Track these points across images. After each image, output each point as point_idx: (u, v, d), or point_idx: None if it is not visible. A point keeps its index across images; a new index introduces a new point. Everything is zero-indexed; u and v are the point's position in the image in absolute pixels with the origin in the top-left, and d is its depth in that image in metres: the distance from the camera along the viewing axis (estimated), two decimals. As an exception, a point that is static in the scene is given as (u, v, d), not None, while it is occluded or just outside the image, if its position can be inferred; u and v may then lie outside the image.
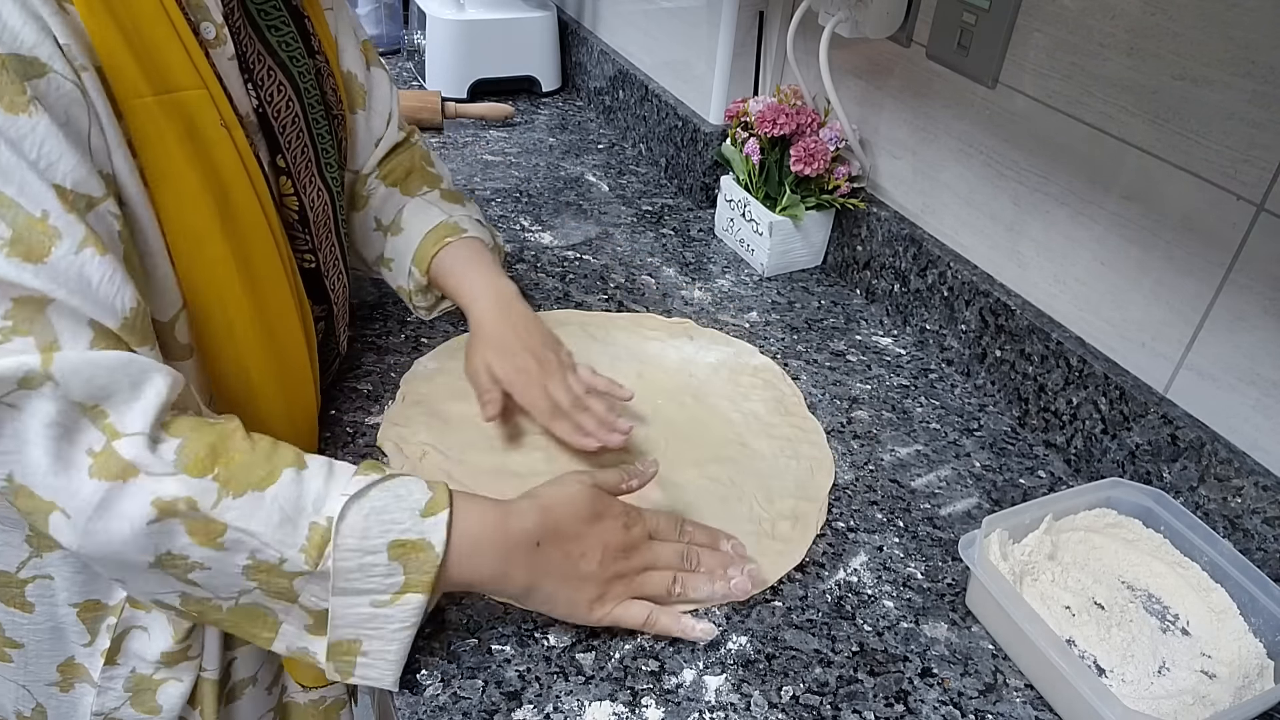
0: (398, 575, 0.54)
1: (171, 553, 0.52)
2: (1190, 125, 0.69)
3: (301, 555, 0.53)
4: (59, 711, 0.71)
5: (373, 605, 0.55)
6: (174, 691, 0.70)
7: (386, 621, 0.55)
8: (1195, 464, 0.72)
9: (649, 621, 0.62)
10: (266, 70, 0.65)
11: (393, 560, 0.54)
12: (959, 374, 0.94)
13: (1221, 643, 0.64)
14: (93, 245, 0.50)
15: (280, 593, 0.54)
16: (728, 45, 1.14)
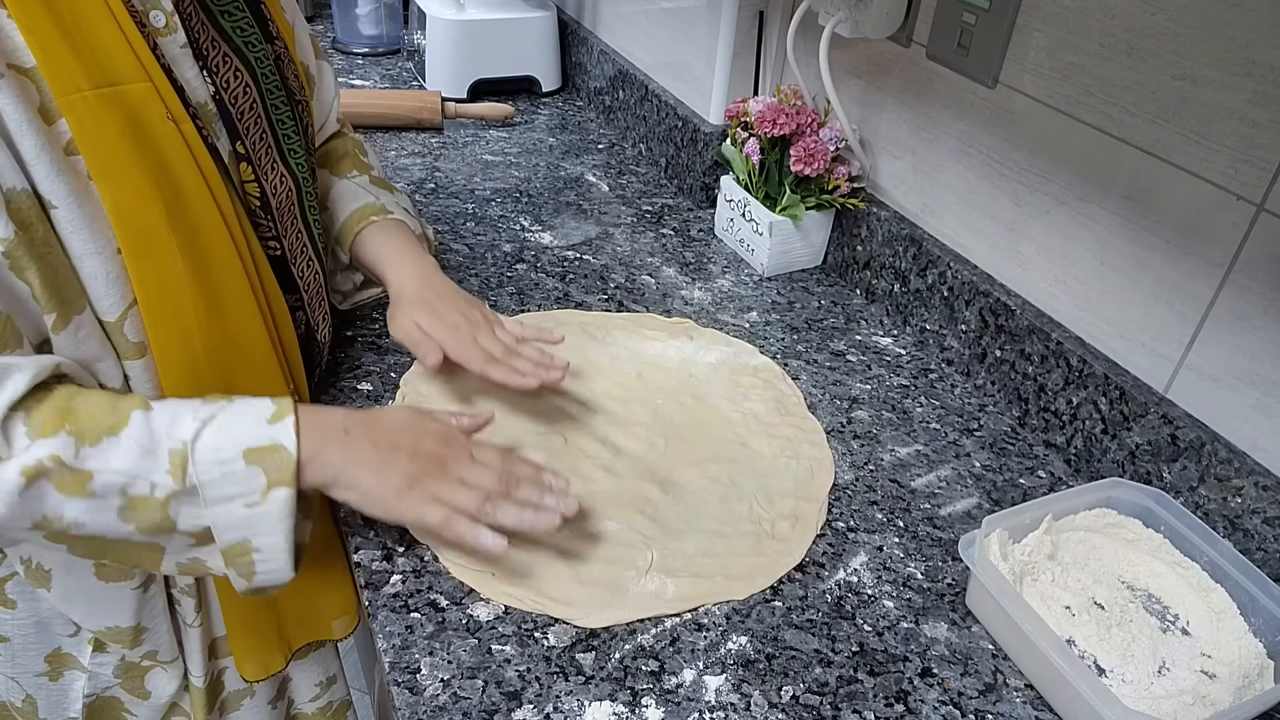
0: (259, 477, 0.58)
1: (48, 517, 0.54)
2: (1190, 125, 0.69)
3: (169, 478, 0.56)
4: (50, 699, 0.71)
5: (245, 506, 0.58)
6: (162, 681, 0.71)
7: (265, 518, 0.59)
8: (1195, 464, 0.72)
9: (446, 524, 0.63)
10: (222, 57, 0.65)
11: (250, 465, 0.58)
12: (959, 374, 0.94)
13: (1221, 643, 0.64)
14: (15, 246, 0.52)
15: (157, 527, 0.57)
16: (728, 45, 1.14)
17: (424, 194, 1.20)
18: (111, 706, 0.73)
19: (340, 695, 0.88)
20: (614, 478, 0.76)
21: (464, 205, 1.18)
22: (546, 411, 0.83)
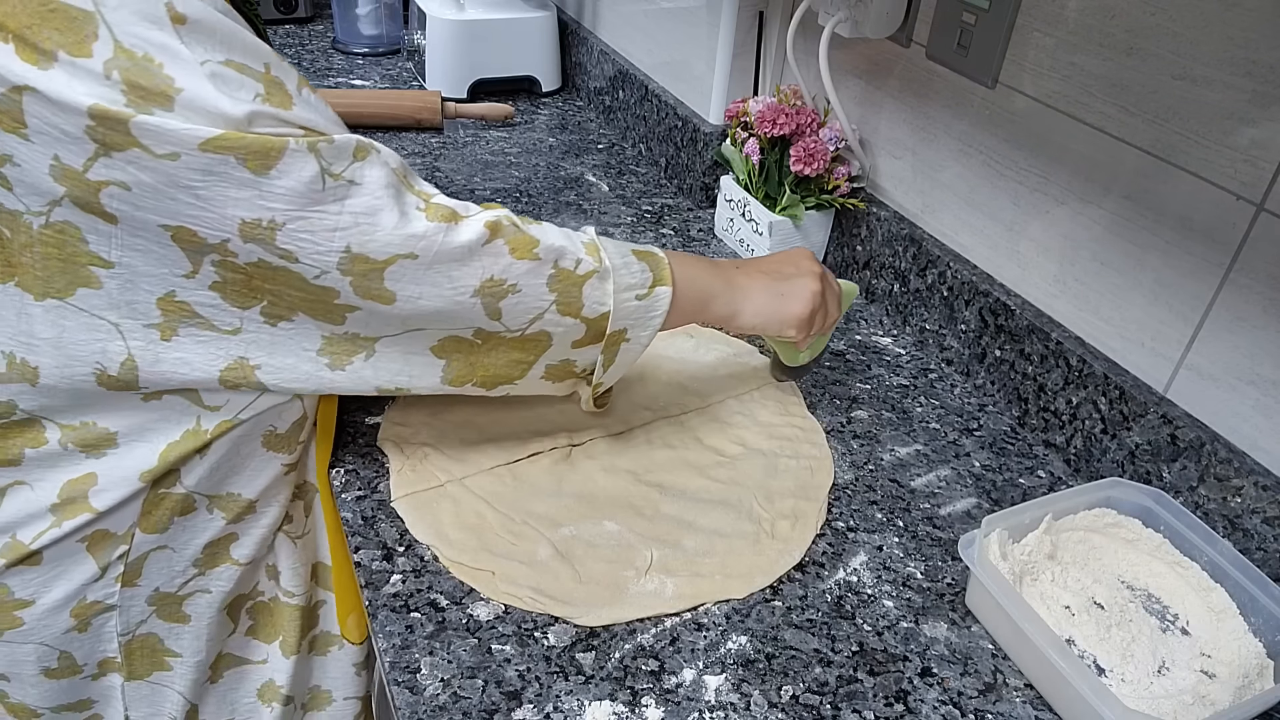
0: (646, 273, 0.67)
1: (494, 277, 0.61)
2: (1190, 125, 0.69)
3: (590, 258, 0.64)
4: (84, 649, 0.68)
5: (636, 299, 0.66)
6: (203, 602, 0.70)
7: (646, 311, 0.67)
8: (1195, 464, 0.72)
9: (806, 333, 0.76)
10: None
11: (639, 260, 0.67)
12: (959, 374, 0.94)
13: (1221, 642, 0.64)
14: (304, 84, 0.57)
15: (570, 302, 0.64)
16: (728, 45, 1.14)
17: (424, 194, 1.20)
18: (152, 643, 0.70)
19: None
20: (614, 477, 0.76)
21: (464, 205, 1.18)
22: (548, 412, 0.83)
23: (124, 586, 0.67)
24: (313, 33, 1.72)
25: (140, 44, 0.50)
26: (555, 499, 0.74)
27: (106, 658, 0.69)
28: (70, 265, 0.55)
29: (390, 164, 0.59)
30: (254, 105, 0.52)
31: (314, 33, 1.72)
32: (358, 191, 0.56)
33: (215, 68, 0.51)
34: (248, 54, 0.53)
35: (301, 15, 1.75)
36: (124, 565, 0.66)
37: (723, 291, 0.72)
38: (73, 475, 0.62)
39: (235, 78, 0.52)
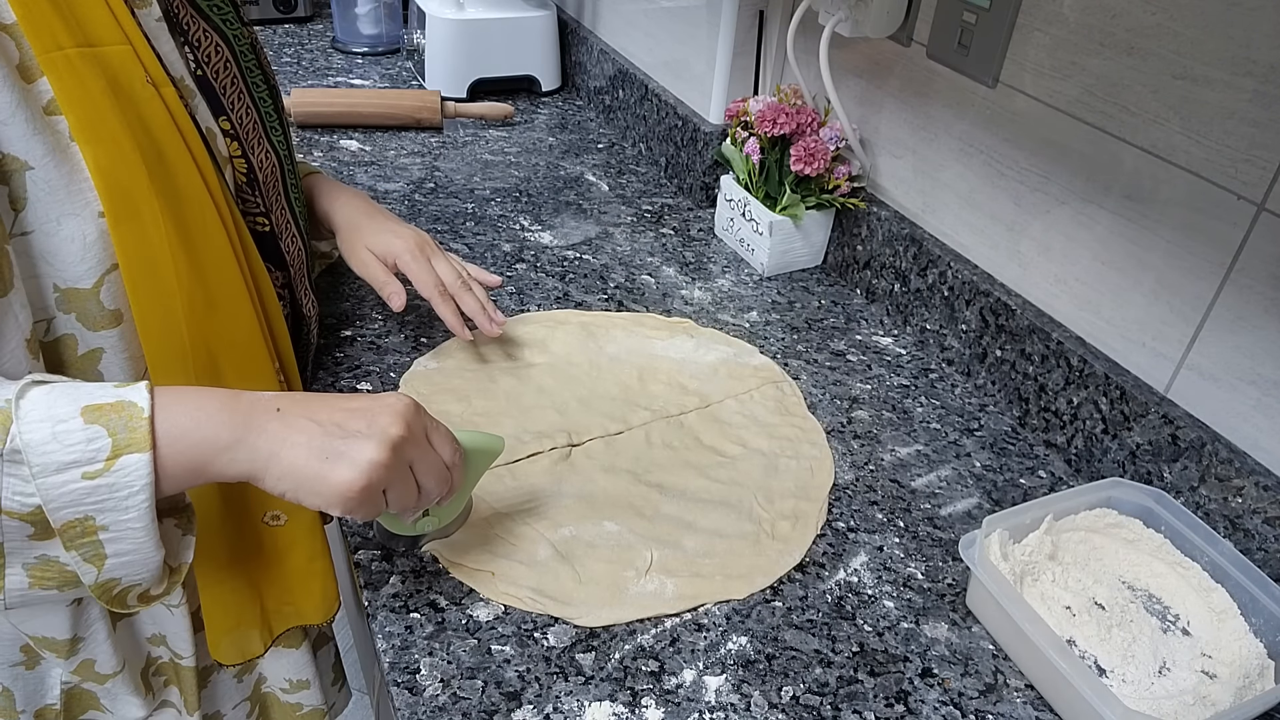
0: (101, 439, 0.48)
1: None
2: (1191, 125, 0.69)
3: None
4: (26, 689, 0.69)
5: (85, 478, 0.48)
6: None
7: (111, 491, 0.48)
8: (1196, 464, 0.72)
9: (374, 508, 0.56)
10: (202, 32, 0.65)
11: (90, 424, 0.48)
12: (959, 374, 0.93)
13: (1222, 643, 0.64)
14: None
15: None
16: (728, 45, 1.14)
17: (423, 193, 1.20)
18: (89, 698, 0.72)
19: (314, 703, 0.86)
20: (614, 477, 0.76)
21: (464, 205, 1.18)
22: (548, 412, 0.82)
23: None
24: (312, 32, 1.72)
25: None
26: (555, 499, 0.73)
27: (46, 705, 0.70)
28: None
29: None
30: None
31: (313, 32, 1.72)
32: None
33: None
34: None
35: (301, 15, 1.75)
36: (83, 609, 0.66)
37: (233, 443, 0.52)
38: None
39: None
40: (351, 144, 1.32)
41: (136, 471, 0.49)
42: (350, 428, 0.54)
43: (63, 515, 0.48)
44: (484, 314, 0.84)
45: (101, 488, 0.48)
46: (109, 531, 0.49)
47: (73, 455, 0.48)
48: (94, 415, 0.49)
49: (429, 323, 0.93)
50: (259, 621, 0.74)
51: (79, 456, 0.48)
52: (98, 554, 0.50)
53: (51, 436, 0.47)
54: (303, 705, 0.86)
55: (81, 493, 0.48)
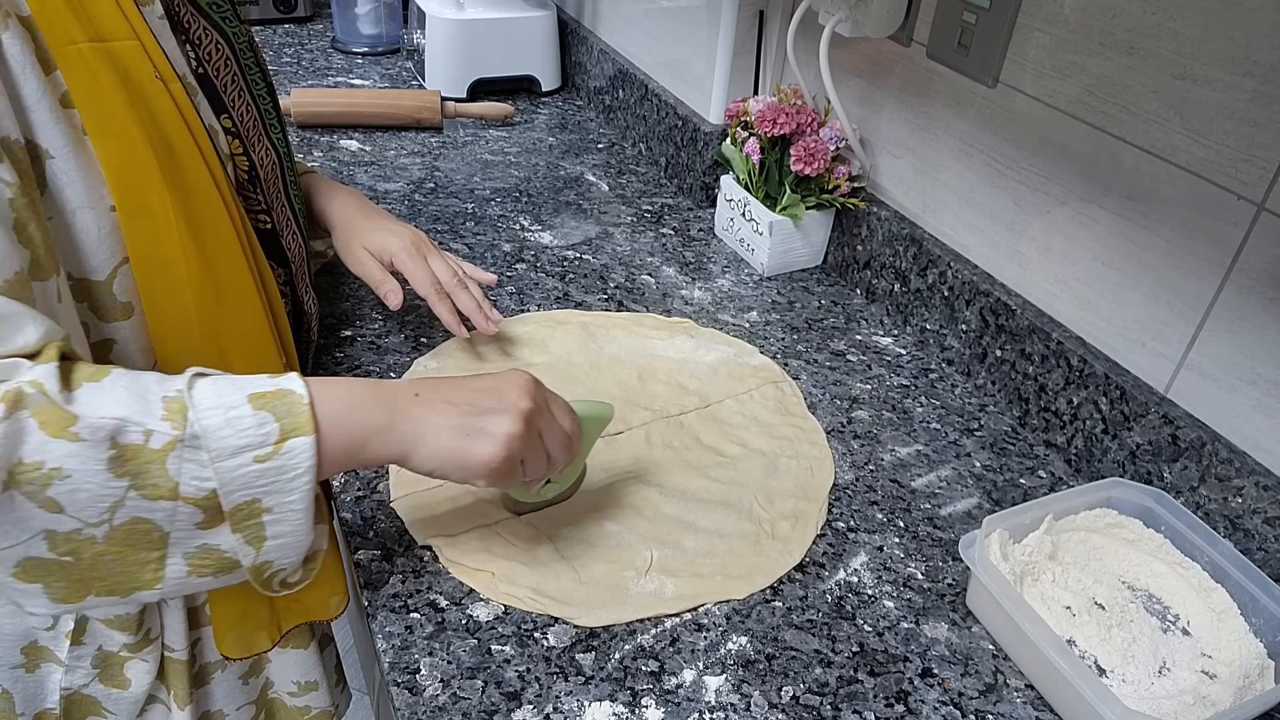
0: (269, 424, 0.51)
1: (24, 461, 0.45)
2: (1191, 125, 0.69)
3: (166, 424, 0.48)
4: (26, 692, 0.70)
5: (256, 461, 0.50)
6: (141, 669, 0.70)
7: (279, 473, 0.51)
8: (1196, 464, 0.72)
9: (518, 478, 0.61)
10: (202, 30, 0.65)
11: (258, 410, 0.50)
12: (959, 374, 0.93)
13: (1222, 643, 0.64)
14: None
15: (155, 485, 0.48)
16: (728, 45, 1.14)
17: (423, 193, 1.20)
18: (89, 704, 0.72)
19: (322, 705, 0.86)
20: (614, 477, 0.76)
21: (464, 205, 1.18)
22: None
23: (72, 644, 0.67)
24: (312, 32, 1.72)
25: None
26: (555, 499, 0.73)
27: (45, 709, 0.70)
28: None
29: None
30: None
31: (313, 32, 1.72)
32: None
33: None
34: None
35: (301, 15, 1.75)
36: (73, 621, 0.66)
37: (388, 427, 0.56)
38: None
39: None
40: (351, 144, 1.32)
41: (303, 454, 0.51)
42: (483, 406, 0.58)
43: (234, 498, 0.50)
44: (480, 312, 0.85)
45: (270, 470, 0.51)
46: (272, 514, 0.52)
47: (245, 440, 0.50)
48: (260, 402, 0.51)
49: (429, 323, 0.93)
50: (267, 617, 0.74)
51: (251, 441, 0.50)
52: (259, 536, 0.52)
53: (225, 423, 0.50)
54: (311, 708, 0.86)
55: (252, 475, 0.50)
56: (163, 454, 0.48)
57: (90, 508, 0.47)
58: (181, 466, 0.49)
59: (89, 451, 0.46)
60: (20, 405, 0.45)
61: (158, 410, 0.49)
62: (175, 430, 0.49)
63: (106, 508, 0.48)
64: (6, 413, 0.45)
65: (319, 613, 0.77)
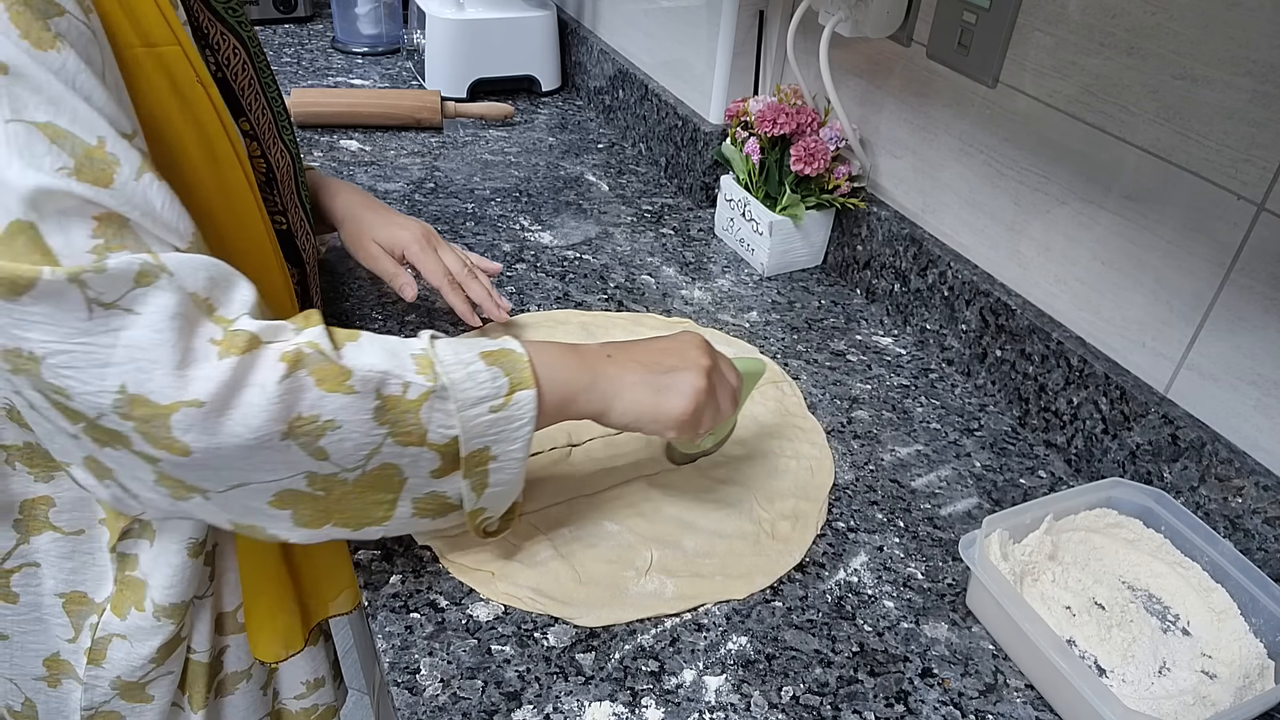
0: (500, 378, 0.58)
1: (302, 415, 0.51)
2: (1191, 125, 0.69)
3: (420, 378, 0.55)
4: (48, 707, 0.71)
5: (491, 411, 0.57)
6: (165, 684, 0.71)
7: (507, 423, 0.58)
8: (1196, 464, 0.72)
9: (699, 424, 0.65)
10: (220, 35, 0.65)
11: (490, 365, 0.58)
12: (959, 374, 0.93)
13: (1222, 643, 0.64)
14: (150, 170, 0.50)
15: (409, 433, 0.55)
16: (728, 45, 1.14)
17: (423, 193, 1.20)
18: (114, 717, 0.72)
19: (327, 700, 0.87)
20: (614, 478, 0.76)
21: (464, 205, 1.18)
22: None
23: (89, 664, 0.68)
24: (312, 32, 1.72)
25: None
26: (555, 499, 0.73)
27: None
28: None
29: (188, 287, 0.49)
30: (50, 179, 0.46)
31: (313, 32, 1.72)
32: (134, 322, 0.47)
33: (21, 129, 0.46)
34: (77, 122, 0.47)
35: (301, 15, 1.75)
36: (91, 639, 0.67)
37: (590, 385, 0.62)
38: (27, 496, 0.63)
39: (42, 144, 0.46)
40: (351, 144, 1.32)
41: (527, 406, 0.58)
42: (668, 364, 0.64)
43: (471, 445, 0.57)
44: (491, 300, 0.87)
45: (500, 420, 0.57)
46: (496, 462, 0.59)
47: (483, 391, 0.57)
48: (490, 359, 0.58)
49: (430, 322, 0.93)
50: (297, 615, 0.75)
51: (487, 393, 0.57)
52: (483, 483, 0.59)
53: (466, 376, 0.56)
54: (318, 706, 0.86)
55: (486, 424, 0.57)
56: (417, 404, 0.55)
57: (352, 455, 0.54)
58: (431, 415, 0.55)
59: (359, 403, 0.53)
60: (300, 364, 0.51)
61: (410, 365, 0.55)
62: (429, 382, 0.55)
63: (365, 454, 0.54)
64: (289, 371, 0.51)
65: (340, 606, 0.78)
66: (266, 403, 0.50)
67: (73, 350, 0.46)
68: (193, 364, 0.48)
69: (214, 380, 0.48)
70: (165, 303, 0.48)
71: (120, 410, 0.47)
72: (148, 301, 0.48)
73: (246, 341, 0.50)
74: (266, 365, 0.50)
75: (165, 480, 0.51)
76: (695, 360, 0.64)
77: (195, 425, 0.48)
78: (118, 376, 0.47)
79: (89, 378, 0.47)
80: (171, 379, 0.48)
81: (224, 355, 0.49)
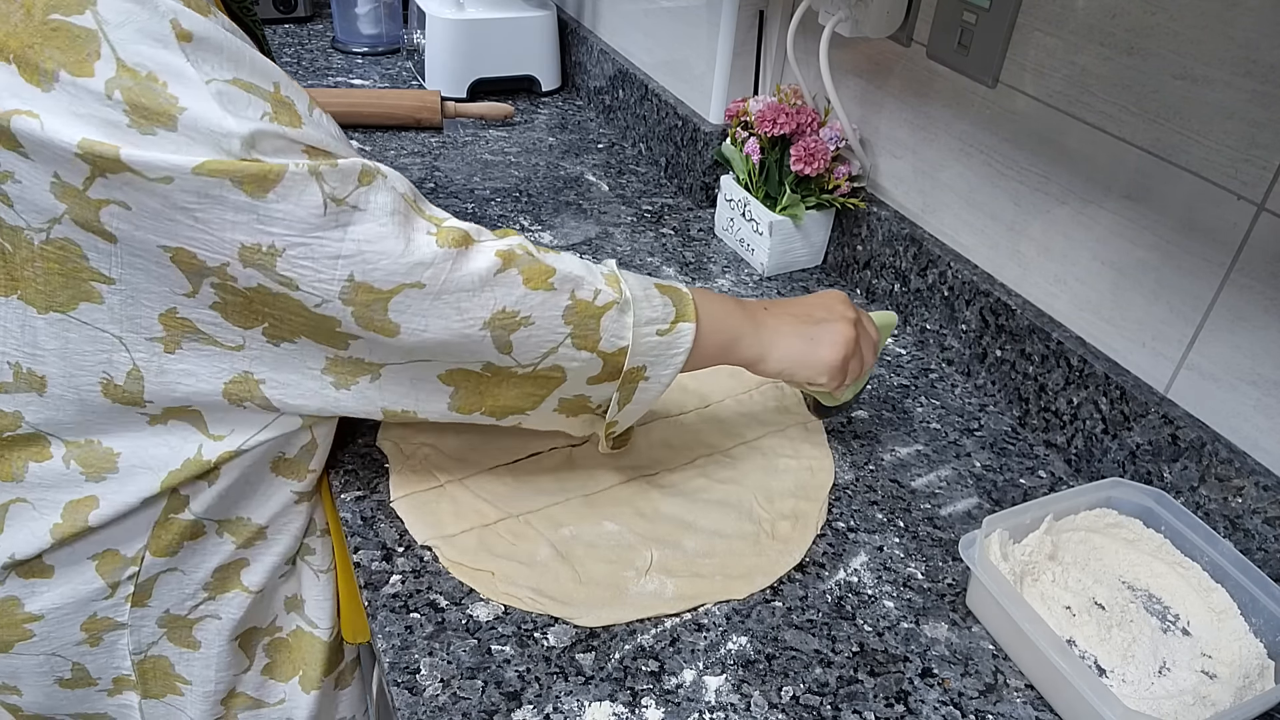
0: (669, 307, 0.63)
1: (506, 309, 0.57)
2: (1190, 125, 0.69)
3: (609, 288, 0.61)
4: (97, 663, 0.69)
5: (657, 334, 0.62)
6: (212, 629, 0.70)
7: (667, 348, 0.63)
8: (1196, 464, 0.72)
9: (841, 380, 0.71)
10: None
11: (662, 295, 0.64)
12: (959, 374, 0.93)
13: (1222, 643, 0.64)
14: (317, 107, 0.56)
15: (586, 335, 0.60)
16: (728, 44, 1.14)
17: (424, 193, 1.20)
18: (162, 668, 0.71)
19: None
20: (614, 477, 0.76)
21: (464, 205, 1.18)
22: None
23: (134, 606, 0.67)
24: (312, 32, 1.72)
25: (144, 63, 0.49)
26: (555, 499, 0.73)
27: (121, 675, 0.69)
28: (72, 280, 0.54)
29: (398, 188, 0.56)
30: (260, 124, 0.51)
31: (313, 32, 1.72)
32: (361, 218, 0.54)
33: (221, 86, 0.51)
34: (255, 73, 0.53)
35: (301, 15, 1.75)
36: (134, 586, 0.66)
37: (750, 333, 0.68)
38: (75, 497, 0.62)
39: (242, 96, 0.51)
40: (352, 144, 1.32)
41: (687, 337, 0.64)
42: (817, 316, 0.70)
43: (635, 360, 0.62)
44: None
45: (662, 344, 0.63)
46: (648, 381, 0.64)
47: (655, 313, 0.63)
48: (661, 290, 0.64)
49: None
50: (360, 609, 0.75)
51: (658, 315, 0.63)
52: (629, 396, 0.65)
53: (645, 298, 0.63)
54: None
55: (650, 345, 0.63)
56: (601, 311, 0.60)
57: (533, 351, 0.60)
58: (609, 325, 0.61)
59: (555, 299, 0.59)
60: (512, 261, 0.58)
61: (600, 278, 0.62)
62: (615, 294, 0.61)
63: (544, 352, 0.60)
64: (504, 265, 0.57)
65: None
66: (481, 292, 0.56)
67: (309, 243, 0.52)
68: (415, 250, 0.55)
69: (434, 267, 0.55)
70: (385, 200, 0.54)
71: (345, 297, 0.54)
72: (370, 199, 0.54)
73: (462, 236, 0.57)
74: (484, 257, 0.57)
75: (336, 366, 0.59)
76: (842, 313, 0.70)
77: (411, 307, 0.55)
78: (347, 266, 0.53)
79: (322, 267, 0.53)
80: (397, 265, 0.54)
81: (442, 244, 0.55)
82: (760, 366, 0.69)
